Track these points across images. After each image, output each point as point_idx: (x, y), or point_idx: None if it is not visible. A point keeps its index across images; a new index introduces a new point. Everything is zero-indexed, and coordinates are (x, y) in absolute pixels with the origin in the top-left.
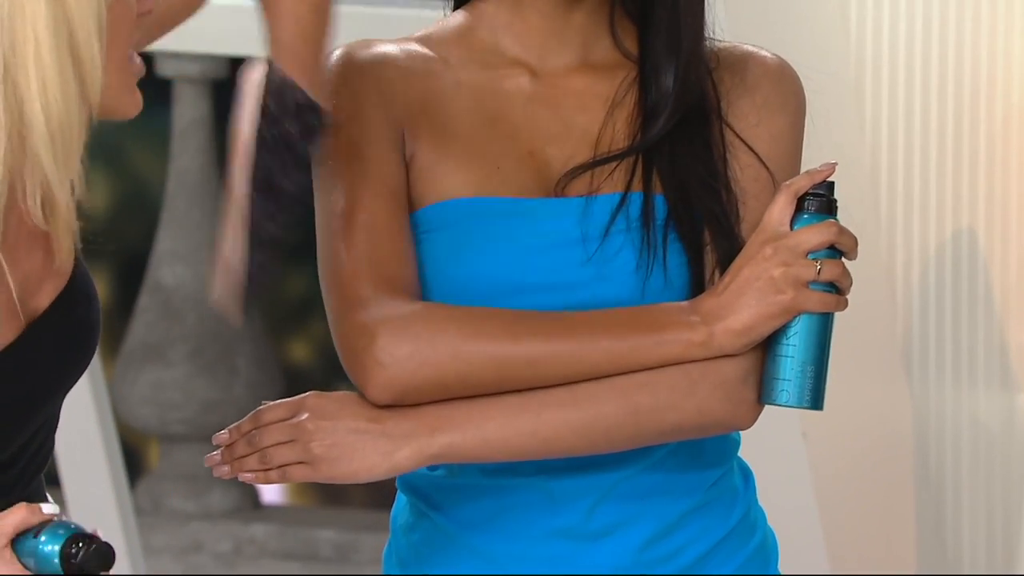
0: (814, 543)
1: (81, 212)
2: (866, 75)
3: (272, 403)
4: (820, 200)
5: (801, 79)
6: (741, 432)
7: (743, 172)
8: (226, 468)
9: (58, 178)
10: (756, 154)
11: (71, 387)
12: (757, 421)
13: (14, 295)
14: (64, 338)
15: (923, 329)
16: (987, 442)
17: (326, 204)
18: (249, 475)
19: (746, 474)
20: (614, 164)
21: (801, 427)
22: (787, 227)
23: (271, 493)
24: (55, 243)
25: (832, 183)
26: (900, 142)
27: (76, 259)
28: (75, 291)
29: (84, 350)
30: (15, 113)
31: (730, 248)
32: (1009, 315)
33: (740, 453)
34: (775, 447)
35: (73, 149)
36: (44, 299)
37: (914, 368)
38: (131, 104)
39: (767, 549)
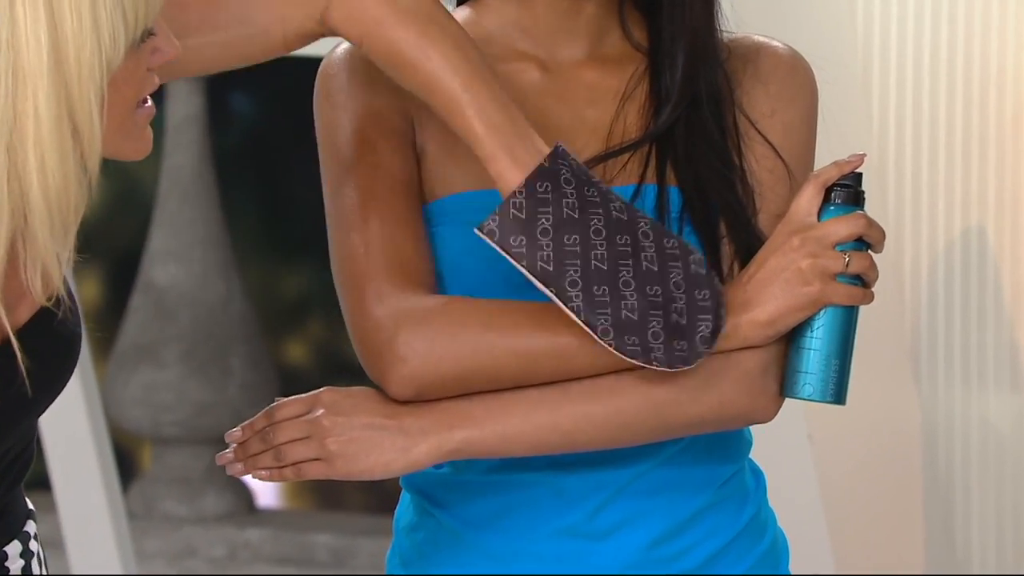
0: (820, 547)
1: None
2: (873, 68)
3: (286, 399)
4: (848, 191)
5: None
6: (752, 431)
7: (758, 163)
8: (239, 466)
9: (53, 252)
10: (771, 145)
11: (50, 401)
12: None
13: None
14: (43, 351)
15: (931, 328)
16: (997, 443)
17: (338, 199)
18: (264, 472)
19: (757, 474)
20: (627, 156)
21: (807, 428)
22: (814, 218)
23: (266, 497)
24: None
25: (860, 174)
26: (908, 136)
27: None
28: (57, 304)
29: (64, 364)
30: (16, 191)
31: (747, 239)
32: (1020, 313)
33: None
34: (780, 448)
35: (70, 223)
36: (24, 313)
37: (922, 368)
38: (136, 150)
39: (778, 551)
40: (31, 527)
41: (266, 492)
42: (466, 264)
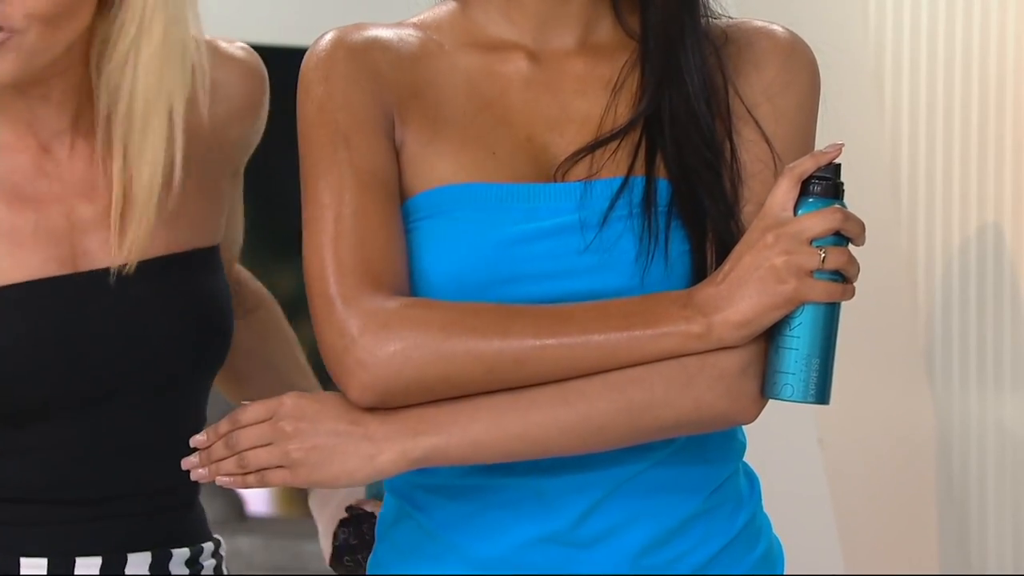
0: (831, 555)
1: None
2: (886, 60)
3: (250, 403)
4: (825, 184)
5: (818, 61)
6: (750, 437)
7: (747, 152)
8: (203, 471)
9: None
10: (762, 133)
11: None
12: (770, 426)
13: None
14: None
15: (946, 329)
16: (1013, 448)
17: (312, 195)
18: (226, 479)
19: (751, 479)
20: (615, 147)
21: (817, 433)
22: (790, 212)
23: (257, 504)
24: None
25: (838, 165)
26: (922, 131)
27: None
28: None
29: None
30: None
31: (727, 232)
32: None
33: (752, 460)
34: (789, 454)
35: None
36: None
37: (936, 371)
38: None
39: (772, 558)
40: (210, 545)
41: (257, 499)
42: (447, 258)
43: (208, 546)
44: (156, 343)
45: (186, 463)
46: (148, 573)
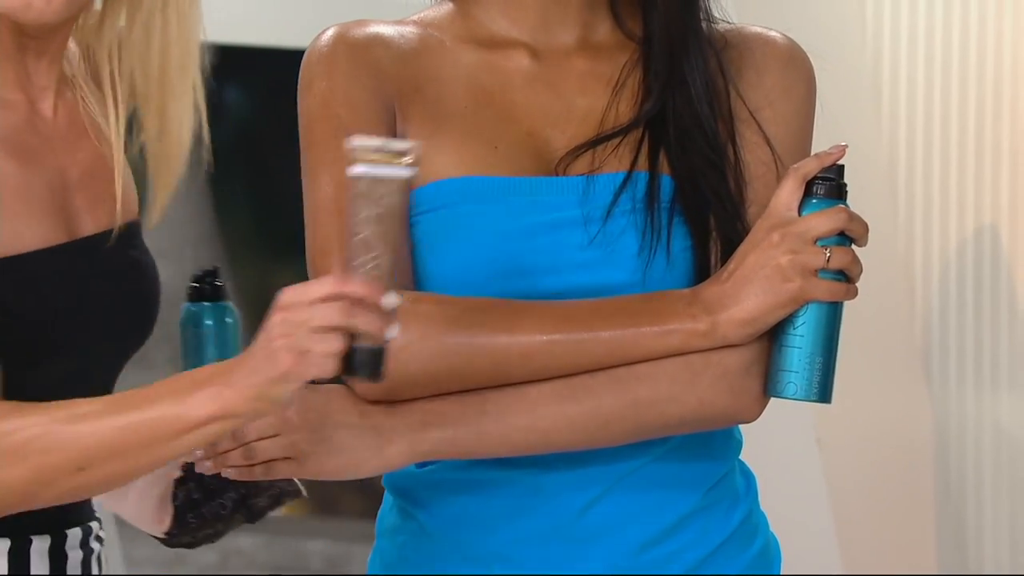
0: (828, 555)
1: None
2: (883, 66)
3: None
4: (829, 184)
5: (815, 67)
6: (749, 436)
7: (750, 155)
8: (208, 463)
9: None
10: (764, 136)
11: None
12: (768, 426)
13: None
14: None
15: (943, 331)
16: (1010, 449)
17: (313, 191)
18: (232, 471)
19: (747, 476)
20: (618, 143)
21: (815, 433)
22: (795, 212)
23: None
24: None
25: (842, 166)
26: (919, 136)
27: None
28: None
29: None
30: None
31: (733, 232)
32: None
33: (750, 459)
34: (788, 453)
35: None
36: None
37: (934, 372)
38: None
39: (769, 555)
40: (95, 525)
41: None
42: (449, 252)
43: (101, 520)
44: (124, 313)
45: (192, 455)
46: (79, 548)
